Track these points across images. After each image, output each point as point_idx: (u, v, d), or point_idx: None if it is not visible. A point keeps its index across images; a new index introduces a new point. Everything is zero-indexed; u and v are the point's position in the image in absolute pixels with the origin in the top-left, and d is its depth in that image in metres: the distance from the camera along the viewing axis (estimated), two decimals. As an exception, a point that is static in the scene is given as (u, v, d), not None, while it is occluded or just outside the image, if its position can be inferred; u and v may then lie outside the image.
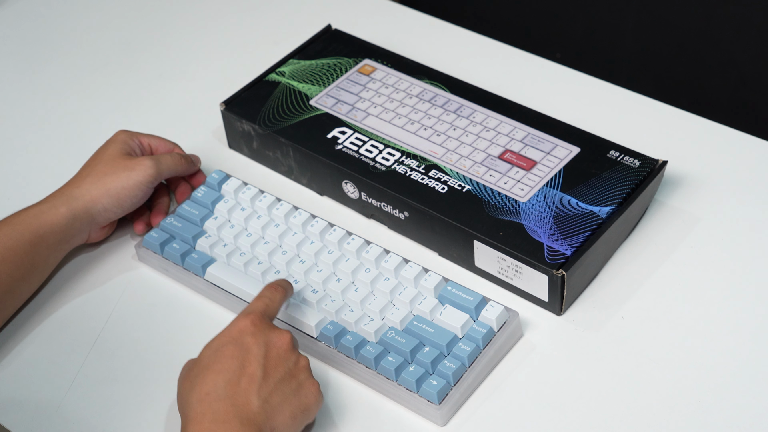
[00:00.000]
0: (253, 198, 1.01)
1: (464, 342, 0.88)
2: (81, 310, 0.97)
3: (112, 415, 0.89)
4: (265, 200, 1.00)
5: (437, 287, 0.92)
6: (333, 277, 0.94)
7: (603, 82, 1.15)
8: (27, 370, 0.93)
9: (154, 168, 0.98)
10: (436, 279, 0.92)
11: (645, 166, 0.98)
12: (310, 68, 1.12)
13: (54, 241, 0.94)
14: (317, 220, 0.98)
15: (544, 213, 0.94)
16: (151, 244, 0.99)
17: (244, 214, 1.00)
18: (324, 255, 0.95)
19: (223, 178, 1.03)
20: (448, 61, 1.17)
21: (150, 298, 0.98)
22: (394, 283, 0.93)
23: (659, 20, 1.76)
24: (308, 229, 0.97)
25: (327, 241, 0.96)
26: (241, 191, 1.01)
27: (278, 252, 0.96)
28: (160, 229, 1.00)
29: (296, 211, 0.99)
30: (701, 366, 0.88)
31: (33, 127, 1.17)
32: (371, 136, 1.04)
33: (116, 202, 0.97)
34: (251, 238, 0.98)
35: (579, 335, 0.91)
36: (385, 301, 0.92)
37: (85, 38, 1.28)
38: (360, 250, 0.95)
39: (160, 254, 0.99)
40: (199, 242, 0.99)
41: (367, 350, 0.88)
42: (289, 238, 0.97)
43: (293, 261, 0.96)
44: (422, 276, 0.93)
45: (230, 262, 0.97)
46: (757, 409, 0.85)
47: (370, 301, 0.92)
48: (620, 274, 0.95)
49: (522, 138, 1.02)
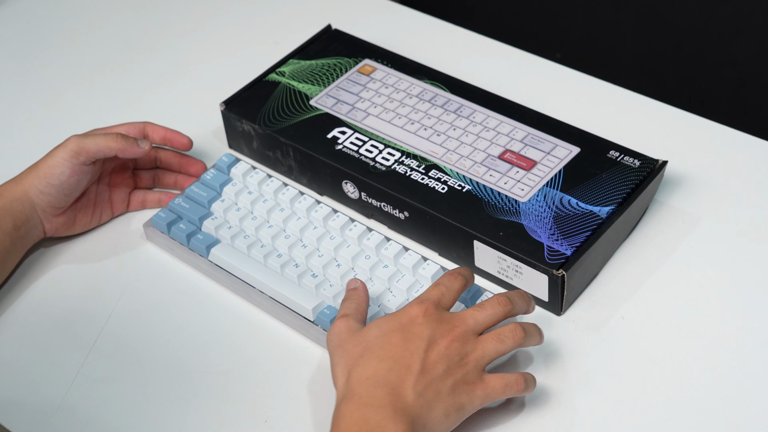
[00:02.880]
0: (260, 182, 1.02)
1: None
2: (89, 292, 0.98)
3: (112, 415, 0.89)
4: (272, 185, 1.01)
5: (435, 276, 0.92)
6: (333, 263, 0.95)
7: (603, 82, 1.15)
8: (27, 370, 0.93)
9: (75, 143, 0.97)
10: (434, 268, 0.93)
11: (645, 166, 0.98)
12: (310, 68, 1.12)
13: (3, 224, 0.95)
14: (321, 206, 0.98)
15: (544, 213, 0.94)
16: (158, 224, 1.00)
17: (250, 198, 1.01)
18: (326, 241, 0.96)
19: (232, 161, 1.04)
20: (448, 61, 1.17)
21: (156, 281, 0.99)
22: (393, 270, 0.93)
23: (659, 20, 1.76)
24: (312, 214, 0.98)
25: (329, 227, 0.97)
26: (249, 175, 1.02)
27: (282, 236, 0.97)
28: (168, 209, 1.02)
29: (302, 196, 1.00)
30: (701, 366, 0.88)
31: (33, 127, 1.17)
32: (371, 136, 1.04)
33: (45, 181, 0.97)
34: (256, 222, 0.99)
35: (579, 335, 0.91)
36: (383, 288, 0.93)
37: (85, 38, 1.29)
38: (361, 237, 0.96)
39: (167, 234, 1.00)
40: (205, 224, 1.00)
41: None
42: (293, 222, 0.98)
43: (295, 245, 0.96)
44: (421, 264, 0.93)
45: (234, 244, 0.98)
46: (757, 409, 0.85)
47: (369, 288, 0.92)
48: (620, 274, 0.95)
49: (522, 138, 1.02)
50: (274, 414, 0.88)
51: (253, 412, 0.88)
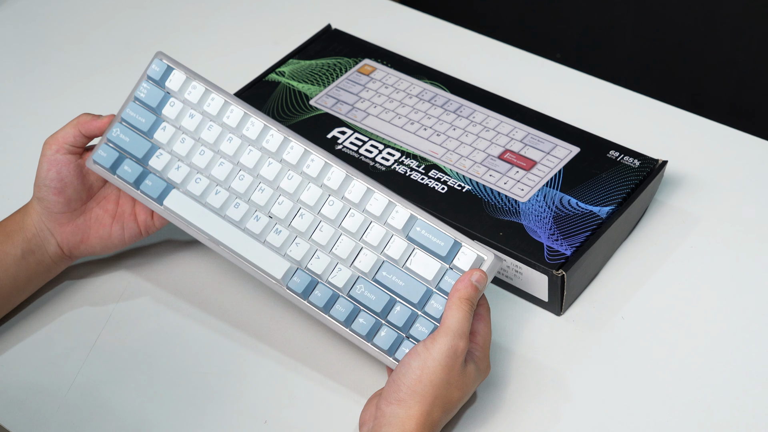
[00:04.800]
0: (201, 99, 0.90)
1: (436, 298, 0.83)
2: (90, 292, 0.98)
3: (112, 415, 0.89)
4: (214, 103, 0.89)
5: (406, 226, 0.85)
6: (295, 210, 0.87)
7: (603, 82, 1.15)
8: (27, 370, 0.93)
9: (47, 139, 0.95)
10: (405, 216, 0.85)
11: (645, 166, 0.98)
12: (310, 68, 1.12)
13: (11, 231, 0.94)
14: (272, 134, 0.89)
15: (544, 213, 0.94)
16: (101, 165, 0.92)
17: (194, 122, 0.90)
18: (284, 181, 0.87)
19: (165, 70, 0.92)
20: (448, 61, 1.17)
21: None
22: (360, 219, 0.85)
23: (659, 20, 1.76)
24: (263, 145, 0.89)
25: (285, 162, 0.88)
26: (187, 90, 0.91)
27: (235, 175, 0.89)
28: (107, 144, 0.92)
29: (250, 119, 0.89)
30: (701, 366, 0.88)
31: (33, 126, 1.17)
32: (371, 136, 1.04)
33: (37, 186, 0.94)
34: (204, 157, 0.90)
35: (579, 335, 0.91)
36: (352, 244, 0.86)
37: (85, 38, 1.28)
38: (321, 175, 0.87)
39: (114, 175, 0.92)
40: (151, 163, 0.91)
41: (338, 310, 0.85)
42: (245, 157, 0.89)
43: (252, 188, 0.88)
44: (389, 211, 0.85)
45: (186, 189, 0.90)
46: (757, 409, 0.85)
47: (336, 245, 0.86)
48: (620, 274, 0.95)
49: (522, 138, 1.02)
50: (274, 414, 0.88)
51: (253, 412, 0.88)
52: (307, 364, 0.91)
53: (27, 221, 0.95)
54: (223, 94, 0.91)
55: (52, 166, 0.94)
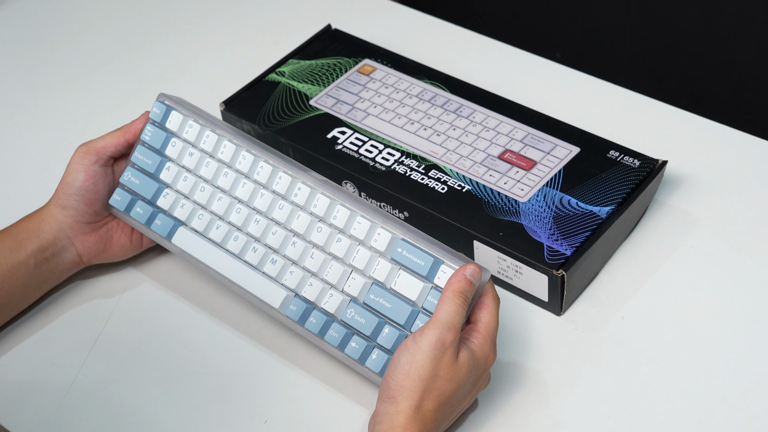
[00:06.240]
0: (197, 137, 0.93)
1: (422, 318, 0.84)
2: (90, 291, 0.98)
3: (112, 415, 0.89)
4: (209, 140, 0.92)
5: (389, 247, 0.86)
6: (289, 239, 0.89)
7: (603, 82, 1.15)
8: (27, 370, 0.93)
9: (83, 145, 0.95)
10: (387, 237, 0.86)
11: (645, 166, 0.98)
12: (310, 68, 1.12)
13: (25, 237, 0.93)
14: (262, 166, 0.91)
15: (544, 213, 0.94)
16: (117, 208, 0.96)
17: (193, 160, 0.93)
18: (276, 211, 0.90)
19: (164, 111, 0.94)
20: (448, 61, 1.17)
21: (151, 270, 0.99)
22: (347, 244, 0.87)
23: (659, 20, 1.76)
24: (255, 177, 0.92)
25: (275, 192, 0.90)
26: (185, 129, 0.94)
27: (233, 209, 0.92)
28: (121, 189, 0.96)
29: (241, 153, 0.92)
30: (701, 366, 0.88)
31: (33, 127, 1.17)
32: (371, 136, 1.04)
33: (64, 193, 0.94)
34: (205, 193, 0.93)
35: (579, 335, 0.91)
36: (341, 268, 0.87)
37: (85, 38, 1.29)
38: (308, 203, 0.89)
39: (129, 216, 0.96)
40: (158, 203, 0.94)
41: (331, 335, 0.87)
42: (240, 190, 0.92)
43: (249, 220, 0.91)
44: (372, 234, 0.87)
45: (192, 225, 0.93)
46: (757, 409, 0.85)
47: (327, 270, 0.87)
48: (620, 274, 0.95)
49: (522, 138, 1.02)
50: (274, 414, 0.88)
51: (252, 412, 0.88)
52: (307, 364, 0.91)
53: (43, 228, 0.94)
54: (219, 128, 0.94)
55: (89, 177, 0.95)
